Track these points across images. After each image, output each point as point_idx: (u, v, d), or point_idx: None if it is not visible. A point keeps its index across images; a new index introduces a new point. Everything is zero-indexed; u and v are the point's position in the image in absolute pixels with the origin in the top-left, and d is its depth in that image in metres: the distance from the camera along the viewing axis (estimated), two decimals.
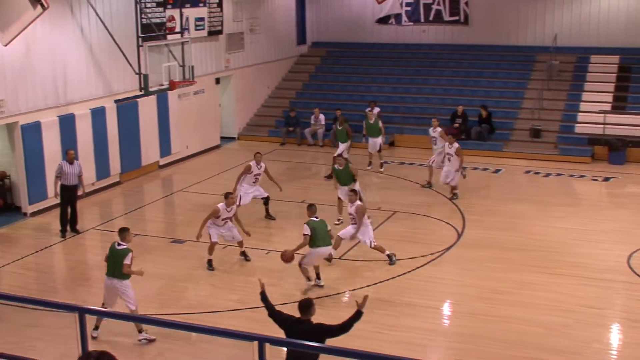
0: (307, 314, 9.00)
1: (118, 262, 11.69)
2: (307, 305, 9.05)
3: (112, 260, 11.80)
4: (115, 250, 11.83)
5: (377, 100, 26.18)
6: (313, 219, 13.60)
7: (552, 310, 12.77)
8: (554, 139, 23.89)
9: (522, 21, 27.99)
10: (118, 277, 11.75)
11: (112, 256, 11.84)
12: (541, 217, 17.78)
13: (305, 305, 9.05)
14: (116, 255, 11.77)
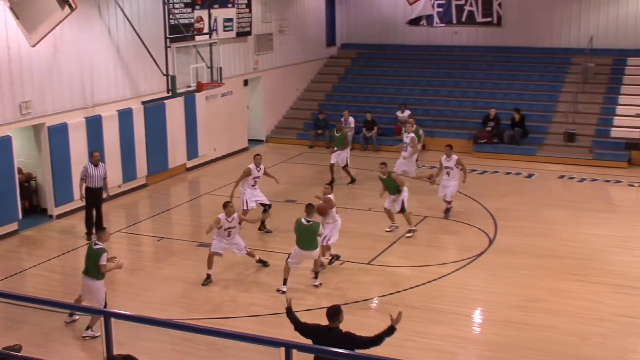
0: (336, 321, 8.74)
1: (93, 261, 11.90)
2: (336, 312, 8.79)
3: (88, 259, 12.03)
4: (92, 250, 12.00)
5: (407, 102, 26.00)
6: (303, 220, 13.50)
7: (587, 319, 12.49)
8: (589, 143, 23.42)
9: (557, 22, 27.50)
10: (92, 277, 11.98)
11: (88, 256, 12.05)
12: (575, 223, 17.48)
13: (334, 312, 8.78)
14: (92, 255, 11.96)
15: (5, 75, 16.28)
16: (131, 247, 16.52)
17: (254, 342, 7.33)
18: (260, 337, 7.74)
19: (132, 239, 16.97)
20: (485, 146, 23.92)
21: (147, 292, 13.88)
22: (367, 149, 24.97)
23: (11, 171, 16.56)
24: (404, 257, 15.27)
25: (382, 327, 12.06)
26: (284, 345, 6.38)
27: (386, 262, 15.08)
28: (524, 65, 27.49)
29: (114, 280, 14.47)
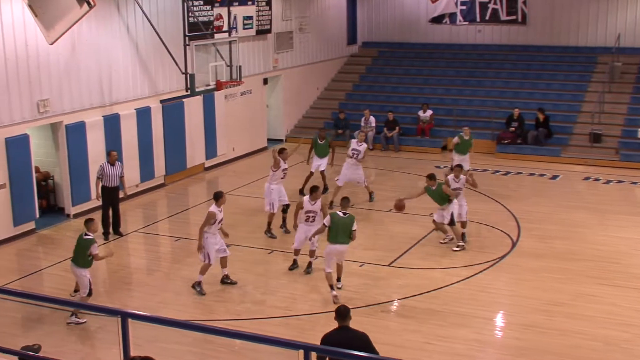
0: (348, 320, 8.70)
1: (81, 251, 12.39)
2: (346, 311, 8.72)
3: (76, 249, 12.51)
4: (82, 240, 12.44)
5: (430, 102, 25.76)
6: (339, 213, 13.16)
7: (612, 323, 12.27)
8: (615, 144, 23.04)
9: (583, 21, 27.11)
10: (79, 265, 12.48)
11: (77, 245, 12.53)
12: (600, 225, 17.21)
13: (345, 312, 8.70)
14: (80, 245, 12.43)
15: (23, 73, 16.22)
16: (149, 247, 16.42)
17: (272, 344, 7.22)
18: (279, 339, 7.61)
19: (150, 239, 16.86)
20: (508, 147, 23.60)
21: (165, 292, 13.79)
22: (388, 149, 24.73)
23: (29, 170, 16.50)
24: (425, 260, 15.05)
25: (402, 330, 11.97)
26: (302, 347, 6.31)
27: (407, 264, 14.87)
28: (549, 65, 27.14)
29: (131, 281, 14.46)
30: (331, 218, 13.04)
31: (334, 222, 13.00)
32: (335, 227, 12.99)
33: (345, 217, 13.07)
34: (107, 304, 12.86)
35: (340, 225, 13.00)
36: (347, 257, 15.05)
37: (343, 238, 13.04)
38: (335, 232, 13.00)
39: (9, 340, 11.02)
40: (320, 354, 6.94)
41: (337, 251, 13.13)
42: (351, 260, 14.99)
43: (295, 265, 14.62)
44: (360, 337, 8.51)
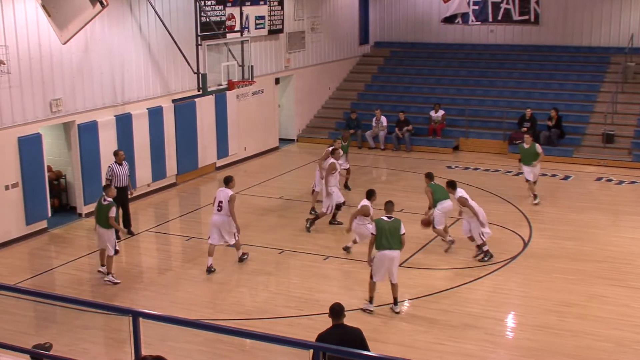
0: (342, 318, 8.73)
1: (103, 214, 13.93)
2: (341, 309, 8.75)
3: (99, 212, 14.06)
4: (101, 204, 14.01)
5: (442, 102, 25.69)
6: (384, 217, 12.62)
7: (623, 325, 12.20)
8: (628, 144, 22.90)
9: (596, 21, 26.96)
10: (103, 226, 13.95)
11: (98, 209, 14.09)
12: (613, 226, 17.14)
13: (340, 310, 8.73)
14: (101, 208, 13.98)
15: (36, 72, 16.29)
16: (160, 247, 16.45)
17: (282, 343, 7.23)
18: (289, 338, 7.60)
19: (161, 238, 16.89)
20: None
21: (176, 292, 13.81)
22: (399, 149, 24.67)
23: (41, 169, 16.58)
24: (437, 259, 15.02)
25: (413, 331, 11.94)
26: (312, 347, 6.28)
27: (418, 264, 14.83)
28: (562, 65, 27.01)
29: (142, 280, 14.49)
30: (376, 224, 12.48)
31: (380, 228, 12.41)
32: (381, 233, 12.39)
33: (391, 221, 12.49)
34: (118, 302, 12.87)
35: (387, 230, 12.40)
36: (358, 257, 15.10)
37: (392, 243, 12.39)
38: (382, 237, 12.39)
39: (21, 338, 11.07)
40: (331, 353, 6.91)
41: (387, 258, 12.41)
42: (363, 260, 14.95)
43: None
44: (354, 332, 8.60)
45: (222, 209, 14.36)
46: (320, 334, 8.55)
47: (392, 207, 12.83)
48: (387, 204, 12.90)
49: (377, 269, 12.51)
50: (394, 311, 12.64)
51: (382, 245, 12.41)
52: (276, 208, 18.58)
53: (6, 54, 15.48)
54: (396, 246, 12.46)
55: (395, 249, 12.46)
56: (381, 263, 12.46)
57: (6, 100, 15.73)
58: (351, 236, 15.09)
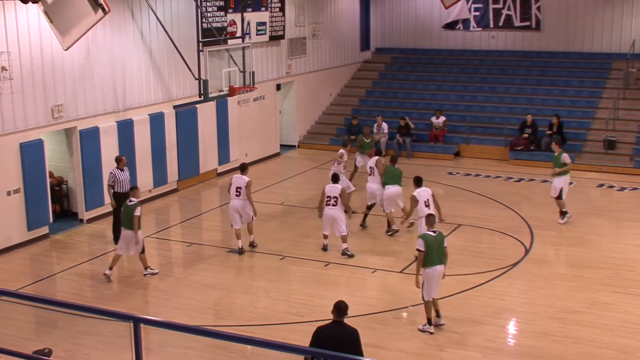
0: (344, 316, 8.78)
1: (129, 215, 14.18)
2: (345, 308, 8.81)
3: (125, 214, 14.31)
4: (127, 206, 14.32)
5: (443, 108, 25.70)
6: (429, 232, 12.14)
7: (626, 332, 12.16)
8: (629, 151, 22.89)
9: (598, 27, 26.97)
10: (129, 228, 14.26)
11: (125, 211, 14.34)
12: (615, 233, 17.08)
13: (344, 309, 8.80)
14: (128, 210, 14.27)
15: (38, 78, 16.31)
16: (161, 253, 16.42)
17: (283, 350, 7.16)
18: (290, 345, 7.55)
19: (162, 244, 16.87)
20: (521, 153, 23.50)
21: (177, 298, 13.79)
22: (401, 155, 24.63)
23: (43, 175, 16.58)
24: None
25: (415, 337, 11.91)
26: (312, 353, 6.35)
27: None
28: (563, 71, 27.03)
29: (143, 286, 14.46)
30: (424, 241, 11.93)
31: (429, 245, 11.92)
32: (430, 249, 11.92)
33: (436, 235, 12.11)
34: (119, 308, 12.84)
35: (435, 246, 11.99)
36: (359, 263, 15.10)
37: (440, 258, 12.05)
38: (432, 253, 11.94)
39: (22, 344, 11.06)
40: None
41: (437, 273, 12.03)
42: (363, 266, 14.98)
43: None
44: (351, 331, 8.63)
45: (240, 194, 15.64)
46: (319, 327, 8.69)
47: (434, 220, 12.39)
48: (429, 217, 12.49)
49: (429, 287, 12.07)
50: (439, 324, 12.30)
51: (433, 261, 11.96)
52: (277, 214, 18.58)
53: (8, 60, 15.51)
54: (443, 261, 12.11)
55: (442, 264, 12.11)
56: (432, 279, 12.05)
57: (8, 106, 15.74)
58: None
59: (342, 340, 8.39)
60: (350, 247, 15.55)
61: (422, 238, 12.01)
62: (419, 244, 11.99)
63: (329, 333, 8.57)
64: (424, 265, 11.97)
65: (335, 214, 15.28)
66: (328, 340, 8.41)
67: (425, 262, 11.94)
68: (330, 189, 15.38)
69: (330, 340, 8.43)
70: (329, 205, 15.29)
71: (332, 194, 15.31)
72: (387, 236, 16.70)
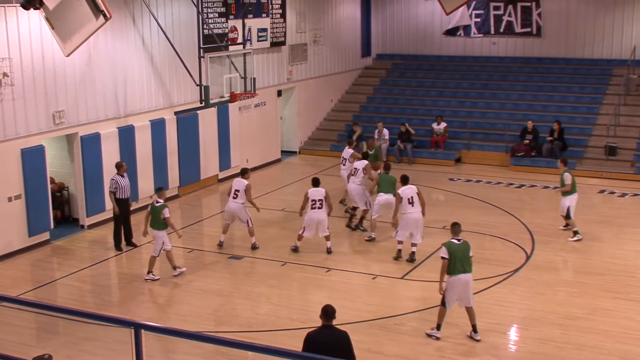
0: (332, 320, 8.75)
1: (156, 216, 14.57)
2: (333, 312, 8.75)
3: (153, 215, 14.67)
4: (155, 207, 14.65)
5: (444, 114, 25.70)
6: (454, 241, 11.99)
7: (627, 338, 12.13)
8: (630, 157, 22.88)
9: (598, 33, 27.01)
10: (156, 228, 14.62)
11: (152, 212, 14.69)
12: (616, 239, 17.06)
13: (332, 313, 8.75)
14: (156, 211, 14.62)
15: (39, 85, 16.33)
16: (162, 259, 16.34)
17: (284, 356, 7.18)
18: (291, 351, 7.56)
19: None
20: (522, 159, 23.51)
21: (178, 304, 13.80)
22: (402, 161, 24.67)
23: (44, 181, 16.58)
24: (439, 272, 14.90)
25: (416, 343, 11.89)
26: None
27: (420, 276, 14.78)
28: (564, 77, 27.06)
29: (144, 292, 14.44)
30: (448, 248, 11.85)
31: (452, 252, 11.83)
32: (454, 257, 11.84)
33: (461, 243, 11.98)
34: (120, 315, 12.83)
35: (459, 254, 11.89)
36: (360, 269, 15.09)
37: (464, 266, 11.91)
38: (456, 261, 11.86)
39: (22, 350, 11.06)
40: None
41: (462, 282, 11.92)
42: (364, 273, 14.98)
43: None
44: (342, 334, 8.65)
45: (237, 196, 15.98)
46: (309, 333, 8.68)
47: (459, 228, 12.17)
48: (454, 226, 12.19)
49: (451, 296, 11.98)
50: (474, 339, 12.07)
51: (457, 269, 11.86)
52: (278, 220, 18.57)
53: (10, 66, 15.53)
54: (469, 269, 12.00)
55: (467, 273, 11.98)
56: (455, 288, 11.95)
57: (9, 112, 15.76)
58: None
59: (333, 344, 8.44)
60: (352, 254, 15.54)
61: (445, 246, 11.95)
62: (442, 251, 11.93)
63: (319, 338, 8.60)
64: (448, 273, 11.93)
65: (321, 217, 15.70)
66: (320, 345, 8.44)
67: (448, 270, 11.88)
68: (313, 192, 15.71)
69: (322, 345, 8.46)
70: (315, 208, 15.67)
71: (316, 197, 15.68)
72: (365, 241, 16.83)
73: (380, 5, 30.55)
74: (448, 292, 11.97)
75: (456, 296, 12.00)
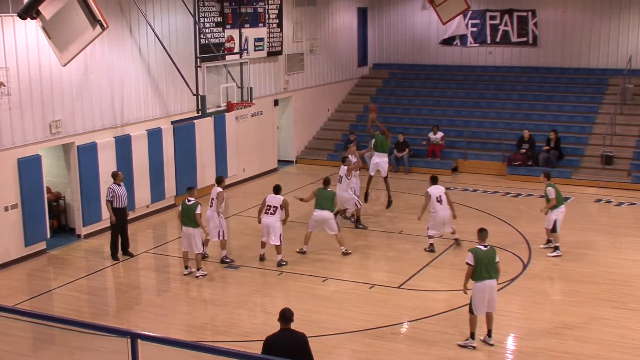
0: (290, 323, 8.89)
1: (190, 214, 14.98)
2: (290, 315, 8.92)
3: (185, 213, 15.04)
4: (187, 205, 15.08)
5: (440, 124, 25.73)
6: (480, 247, 12.05)
7: (624, 347, 12.14)
8: (627, 166, 22.90)
9: (594, 42, 27.09)
10: (192, 226, 15.00)
11: (184, 210, 15.06)
12: (612, 248, 17.12)
13: (289, 316, 8.91)
14: (188, 209, 15.03)
15: (36, 94, 16.33)
16: (159, 268, 16.38)
17: None
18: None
19: (160, 259, 16.83)
20: (519, 169, 23.53)
21: (174, 313, 13.75)
22: (398, 170, 24.69)
23: (40, 190, 16.57)
24: (436, 281, 14.97)
25: (412, 353, 11.87)
26: None
27: (417, 286, 14.78)
28: (560, 86, 27.11)
29: (141, 302, 14.44)
30: (474, 255, 11.87)
31: (478, 259, 11.86)
32: (480, 263, 11.87)
33: (488, 249, 12.02)
34: (116, 324, 12.84)
35: (485, 260, 11.91)
36: (357, 279, 15.07)
37: (489, 272, 11.94)
38: (482, 267, 11.88)
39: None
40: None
41: (488, 288, 11.95)
42: (361, 282, 14.97)
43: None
44: (300, 337, 8.78)
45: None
46: (268, 337, 8.79)
47: (486, 235, 12.21)
48: (482, 232, 12.25)
49: (479, 302, 12.00)
50: (488, 343, 12.18)
51: (482, 276, 11.90)
52: None
53: (6, 76, 15.54)
54: (495, 275, 12.03)
55: (493, 279, 12.00)
56: (482, 294, 11.97)
57: (6, 122, 15.76)
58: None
59: (292, 347, 8.58)
60: (348, 263, 15.51)
61: (472, 252, 11.98)
62: (468, 257, 11.95)
63: (278, 341, 8.71)
64: (473, 279, 11.95)
65: (270, 222, 15.71)
66: (279, 349, 8.55)
67: (474, 276, 11.92)
68: (270, 199, 15.88)
69: (281, 348, 8.58)
70: (268, 213, 15.75)
71: (272, 203, 15.81)
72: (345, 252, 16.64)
73: (377, 14, 30.63)
74: (474, 299, 11.99)
75: (483, 302, 11.99)
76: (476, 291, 11.97)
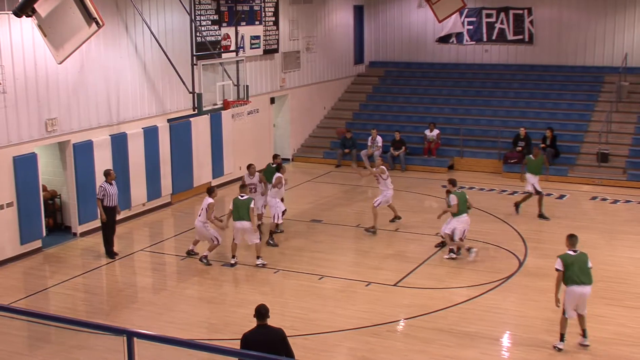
0: (266, 319, 9.01)
1: (245, 208, 15.39)
2: (266, 311, 9.05)
3: (241, 210, 15.41)
4: (240, 201, 15.48)
5: (437, 122, 25.76)
6: (570, 252, 11.97)
7: (620, 344, 12.17)
8: (622, 163, 22.95)
9: (590, 40, 27.13)
10: (246, 220, 15.36)
11: (238, 206, 15.45)
12: (608, 245, 17.10)
13: (265, 312, 9.04)
14: (242, 204, 15.44)
15: (31, 92, 16.30)
16: (155, 266, 16.38)
17: None
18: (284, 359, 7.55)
19: (156, 257, 16.83)
20: (515, 166, 23.51)
21: (170, 311, 13.73)
22: (395, 168, 24.69)
23: (36, 188, 16.53)
24: (432, 279, 14.99)
25: (408, 350, 11.89)
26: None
27: (413, 284, 14.78)
28: (556, 84, 27.15)
29: (137, 300, 14.43)
30: (563, 261, 11.85)
31: (568, 264, 11.81)
32: (570, 269, 11.81)
33: (578, 254, 11.95)
34: (112, 323, 12.77)
35: (576, 265, 11.85)
36: (353, 277, 15.07)
37: (582, 278, 11.83)
38: (571, 272, 11.81)
39: (15, 359, 11.01)
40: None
41: (577, 293, 11.86)
42: (357, 279, 14.97)
43: None
44: (277, 332, 8.91)
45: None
46: (245, 334, 8.86)
47: (576, 240, 12.14)
48: (571, 237, 12.19)
49: (569, 305, 11.96)
50: (583, 345, 12.07)
51: (573, 280, 11.84)
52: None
53: (2, 74, 15.51)
54: (587, 281, 11.90)
55: (586, 284, 11.90)
56: (572, 299, 11.91)
57: (2, 120, 15.72)
58: None
59: (270, 343, 8.66)
60: (345, 261, 15.48)
61: (560, 258, 11.96)
62: (557, 263, 11.93)
63: (256, 337, 8.77)
64: (564, 283, 11.91)
65: (197, 224, 16.05)
66: (256, 345, 8.59)
67: (565, 280, 11.87)
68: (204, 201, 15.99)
69: (258, 343, 8.62)
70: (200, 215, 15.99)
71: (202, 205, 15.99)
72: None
73: (373, 12, 30.63)
74: (567, 302, 11.97)
75: (574, 305, 11.97)
76: (568, 294, 11.92)
